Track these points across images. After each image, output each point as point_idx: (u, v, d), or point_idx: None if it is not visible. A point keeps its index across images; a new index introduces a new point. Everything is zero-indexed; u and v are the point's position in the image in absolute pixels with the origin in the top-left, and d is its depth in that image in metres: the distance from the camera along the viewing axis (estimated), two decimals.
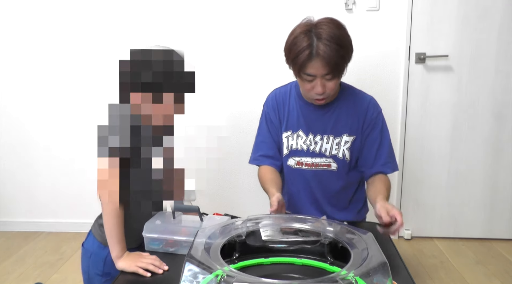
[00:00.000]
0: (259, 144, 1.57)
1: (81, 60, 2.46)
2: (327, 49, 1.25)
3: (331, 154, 1.45)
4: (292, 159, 1.50)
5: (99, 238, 1.24)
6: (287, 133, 1.50)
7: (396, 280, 0.93)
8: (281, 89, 1.56)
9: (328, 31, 1.27)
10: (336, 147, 1.45)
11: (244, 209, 2.46)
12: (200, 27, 2.37)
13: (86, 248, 1.28)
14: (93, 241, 1.26)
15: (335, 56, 1.26)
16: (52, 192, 2.63)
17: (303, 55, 1.28)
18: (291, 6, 2.30)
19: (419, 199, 2.51)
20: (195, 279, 0.79)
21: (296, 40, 1.30)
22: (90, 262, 1.25)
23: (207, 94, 2.40)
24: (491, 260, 2.28)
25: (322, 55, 1.26)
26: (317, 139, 1.46)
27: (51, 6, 2.41)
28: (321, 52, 1.26)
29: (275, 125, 1.52)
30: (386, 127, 1.48)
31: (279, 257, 1.04)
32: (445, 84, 2.36)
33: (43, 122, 2.54)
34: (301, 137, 1.48)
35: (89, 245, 1.27)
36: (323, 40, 1.26)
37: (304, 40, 1.28)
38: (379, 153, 1.46)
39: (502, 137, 2.40)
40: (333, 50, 1.25)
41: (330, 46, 1.25)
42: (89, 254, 1.26)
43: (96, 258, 1.24)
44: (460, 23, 2.28)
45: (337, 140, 1.45)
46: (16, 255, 2.36)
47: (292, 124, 1.49)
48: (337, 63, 1.28)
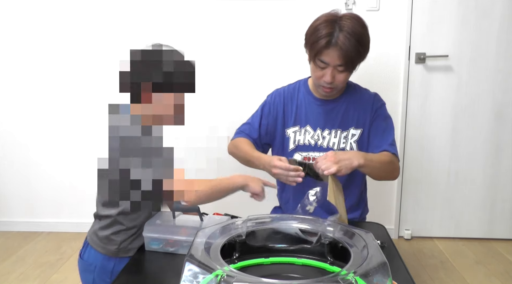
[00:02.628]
0: (245, 124, 1.62)
1: (82, 60, 2.45)
2: (346, 41, 1.30)
3: (339, 148, 1.48)
4: (299, 153, 1.51)
5: (102, 250, 1.21)
6: (295, 128, 1.52)
7: (396, 280, 0.93)
8: (290, 86, 1.60)
9: (351, 26, 1.31)
10: (344, 140, 1.47)
11: (244, 209, 2.45)
12: (201, 27, 2.37)
13: (87, 260, 1.24)
14: (95, 254, 1.22)
15: (352, 51, 1.31)
16: (52, 192, 2.63)
17: (322, 41, 1.32)
18: (291, 6, 2.30)
19: (419, 199, 2.51)
20: (195, 279, 0.79)
21: (320, 26, 1.35)
22: (95, 275, 1.22)
23: (207, 94, 2.40)
24: (491, 260, 2.28)
25: (340, 46, 1.31)
26: (325, 134, 1.49)
27: (47, 6, 2.41)
28: (340, 43, 1.31)
29: (273, 117, 1.55)
30: (391, 120, 1.53)
31: (279, 257, 1.04)
32: (445, 84, 2.36)
33: (43, 122, 2.54)
34: (309, 132, 1.50)
35: (91, 258, 1.23)
36: (344, 33, 1.31)
37: (327, 28, 1.33)
38: (384, 135, 1.48)
39: (502, 137, 2.40)
40: (352, 44, 1.31)
41: (350, 40, 1.30)
42: (93, 267, 1.22)
43: (102, 271, 1.21)
44: (460, 23, 2.28)
45: (345, 134, 1.48)
46: (16, 255, 2.36)
47: (300, 120, 1.52)
48: (352, 58, 1.33)
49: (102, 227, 1.22)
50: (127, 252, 1.20)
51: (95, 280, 1.22)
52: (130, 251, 1.19)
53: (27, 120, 2.55)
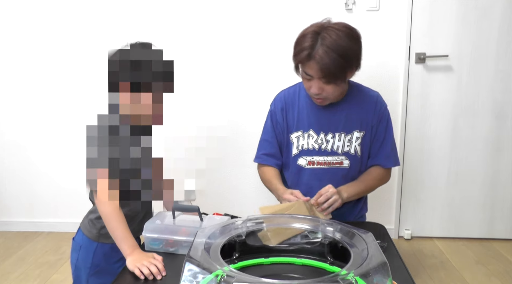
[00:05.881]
0: (262, 142, 1.59)
1: (82, 62, 2.45)
2: (324, 56, 1.27)
3: (343, 151, 1.47)
4: (303, 158, 1.50)
5: (88, 233, 1.27)
6: (298, 133, 1.50)
7: (396, 280, 0.93)
8: (289, 90, 1.57)
9: (335, 39, 1.28)
10: (348, 143, 1.47)
11: (244, 209, 2.46)
12: (201, 27, 2.37)
13: (76, 241, 1.31)
14: (82, 236, 1.29)
15: (332, 65, 1.28)
16: (52, 192, 2.63)
17: (303, 54, 1.30)
18: (292, 6, 2.30)
19: (419, 199, 2.51)
20: (195, 279, 0.79)
21: (303, 38, 1.33)
22: (80, 254, 1.27)
23: (207, 94, 2.40)
24: (491, 260, 2.28)
25: (318, 60, 1.28)
26: (328, 138, 1.47)
27: (48, 6, 2.41)
28: (318, 57, 1.28)
29: (281, 125, 1.53)
30: (391, 123, 1.53)
31: (279, 257, 1.04)
32: (445, 84, 2.36)
33: (43, 122, 2.54)
34: (312, 136, 1.48)
35: (79, 239, 1.29)
36: (324, 47, 1.27)
37: (310, 40, 1.30)
38: (381, 147, 1.50)
39: (502, 137, 2.40)
40: (331, 59, 1.27)
41: (329, 54, 1.27)
42: (79, 247, 1.28)
43: (85, 250, 1.27)
44: (460, 23, 2.28)
45: (349, 137, 1.47)
46: (16, 255, 2.36)
47: (303, 124, 1.50)
48: (332, 72, 1.29)
49: (90, 211, 1.29)
50: (107, 238, 1.21)
51: (78, 259, 1.28)
52: (110, 238, 1.17)
53: (27, 120, 2.55)
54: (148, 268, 1.01)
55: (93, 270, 1.25)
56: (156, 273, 1.01)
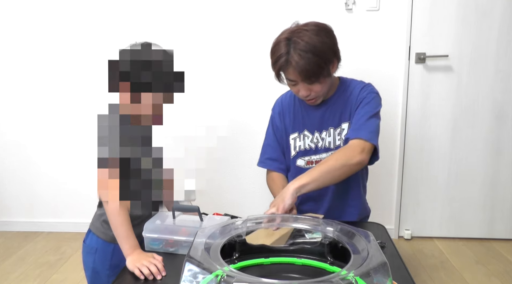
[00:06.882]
0: (265, 147, 1.62)
1: (81, 62, 2.45)
2: (299, 60, 1.29)
3: (335, 146, 1.48)
4: (301, 159, 1.53)
5: (102, 235, 1.26)
6: (294, 135, 1.54)
7: (396, 280, 0.93)
8: (287, 94, 1.60)
9: (306, 40, 1.29)
10: (338, 137, 1.48)
11: (244, 209, 2.46)
12: (202, 27, 2.37)
13: (89, 244, 1.28)
14: (96, 239, 1.27)
15: (309, 66, 1.29)
16: (52, 192, 2.63)
17: (280, 62, 1.33)
18: (292, 7, 2.30)
19: (419, 199, 2.51)
20: (195, 279, 0.79)
21: (277, 46, 1.35)
22: (96, 257, 1.26)
23: (207, 94, 2.40)
24: (491, 260, 2.28)
25: (294, 66, 1.30)
26: (323, 136, 1.50)
27: (49, 7, 2.41)
28: (294, 62, 1.30)
29: (280, 129, 1.57)
30: (372, 102, 1.43)
31: (279, 257, 1.04)
32: (445, 84, 2.36)
33: (43, 122, 2.54)
34: (308, 136, 1.51)
35: (93, 242, 1.27)
36: (297, 51, 1.29)
37: (282, 47, 1.32)
38: (353, 123, 1.43)
39: (502, 137, 2.40)
40: (306, 61, 1.28)
41: (303, 57, 1.28)
42: (94, 250, 1.26)
43: (102, 252, 1.25)
44: (460, 23, 2.28)
45: (338, 130, 1.48)
46: (16, 255, 2.36)
47: (298, 126, 1.53)
48: (312, 72, 1.31)
49: (101, 213, 1.25)
50: None
51: (95, 261, 1.26)
52: None
53: (27, 120, 2.55)
54: (148, 268, 1.01)
55: (113, 272, 1.24)
56: (156, 273, 1.01)
